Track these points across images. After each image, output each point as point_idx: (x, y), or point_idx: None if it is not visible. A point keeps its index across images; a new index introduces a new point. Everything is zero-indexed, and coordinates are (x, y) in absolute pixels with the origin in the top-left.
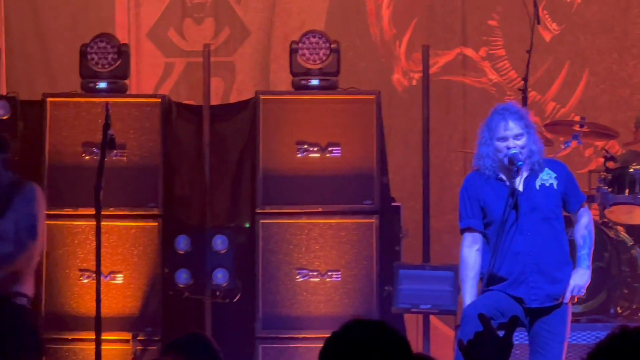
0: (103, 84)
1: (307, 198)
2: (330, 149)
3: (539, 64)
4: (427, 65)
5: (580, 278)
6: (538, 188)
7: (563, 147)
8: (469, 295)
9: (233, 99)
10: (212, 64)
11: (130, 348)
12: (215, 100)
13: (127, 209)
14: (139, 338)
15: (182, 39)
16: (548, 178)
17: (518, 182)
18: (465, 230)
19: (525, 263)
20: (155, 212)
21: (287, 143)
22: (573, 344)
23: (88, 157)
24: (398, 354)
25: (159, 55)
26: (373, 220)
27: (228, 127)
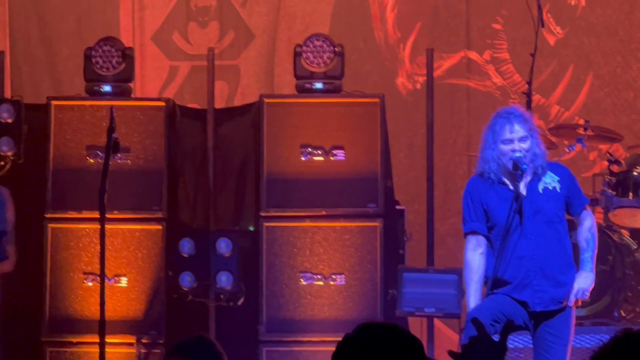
0: (107, 88)
1: (311, 201)
2: (334, 152)
3: (543, 67)
4: (431, 69)
5: (584, 281)
6: (541, 192)
7: (567, 150)
8: (473, 299)
9: (237, 103)
10: (216, 68)
11: (135, 351)
12: (220, 104)
13: (131, 212)
14: (143, 341)
15: (186, 43)
16: (551, 181)
17: (522, 186)
18: (469, 234)
19: (529, 267)
20: (159, 215)
21: (291, 146)
22: (577, 348)
23: (92, 160)
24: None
25: (164, 59)
26: (377, 224)
27: (232, 130)
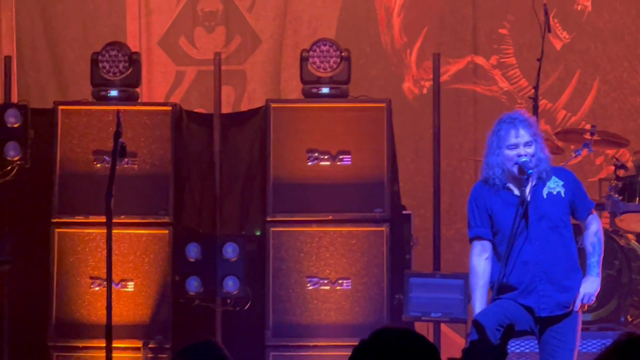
0: (114, 92)
1: (317, 206)
2: (341, 157)
3: (550, 73)
4: (437, 74)
5: (590, 286)
6: (545, 197)
7: (574, 155)
8: (479, 304)
9: (244, 107)
10: (223, 73)
11: (141, 356)
12: (226, 109)
13: (138, 217)
14: (150, 346)
15: (193, 47)
16: (555, 186)
17: (527, 190)
18: (474, 239)
19: (535, 272)
20: (166, 220)
21: (297, 151)
22: (583, 353)
23: (99, 165)
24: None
25: (170, 64)
26: (383, 229)
27: (239, 135)
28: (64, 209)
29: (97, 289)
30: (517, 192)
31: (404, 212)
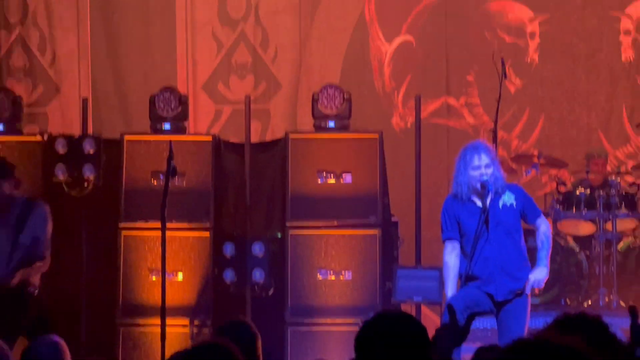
0: (167, 126)
1: (325, 214)
2: (344, 176)
3: (506, 110)
4: (419, 111)
5: (540, 274)
6: (501, 207)
7: (525, 174)
8: (451, 290)
9: (268, 138)
10: (252, 111)
11: (188, 331)
12: (255, 139)
13: (185, 223)
14: (195, 323)
15: (228, 91)
16: (509, 199)
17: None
18: (446, 240)
19: (493, 266)
20: (207, 225)
21: (310, 171)
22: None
23: (156, 182)
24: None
25: (211, 104)
26: (376, 232)
27: (264, 159)
28: (129, 217)
29: (154, 279)
30: (479, 203)
31: (393, 219)
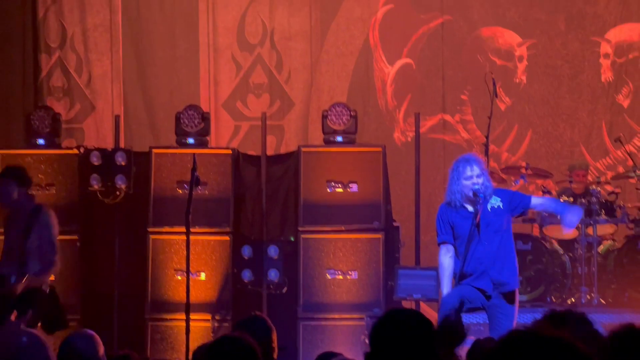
0: (191, 140)
1: (334, 220)
2: (350, 185)
3: (497, 126)
4: (418, 127)
5: (572, 213)
6: (490, 210)
7: (514, 184)
8: (446, 288)
9: (282, 151)
10: (267, 126)
11: (210, 325)
12: (270, 152)
13: (207, 228)
14: (216, 318)
15: (246, 109)
16: (496, 202)
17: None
18: (441, 244)
19: (485, 264)
20: (228, 229)
21: (320, 181)
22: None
23: (181, 191)
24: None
25: (230, 120)
26: (380, 236)
27: (279, 170)
28: (156, 222)
29: (179, 278)
30: (470, 209)
31: (394, 224)
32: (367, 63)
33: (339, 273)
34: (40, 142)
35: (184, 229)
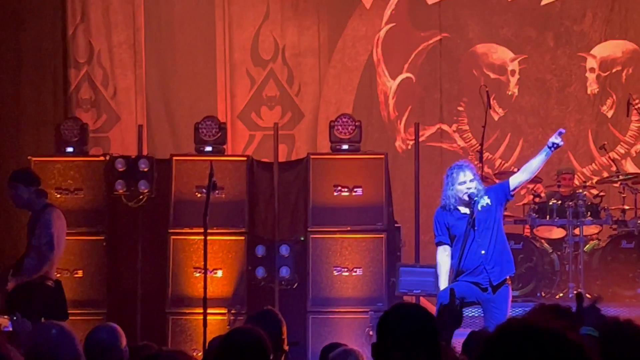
0: (209, 148)
1: (340, 221)
2: (355, 190)
3: (491, 135)
4: (417, 136)
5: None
6: (480, 209)
7: None
8: (443, 284)
9: (293, 158)
10: (279, 136)
11: (226, 319)
12: (282, 159)
13: (224, 228)
14: (232, 312)
15: (260, 119)
16: (484, 201)
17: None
18: (439, 244)
19: (480, 260)
20: (243, 230)
21: (327, 186)
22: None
23: (199, 195)
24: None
25: (245, 130)
26: (383, 236)
27: (290, 176)
28: (177, 223)
29: (197, 275)
30: (464, 211)
31: (396, 225)
32: (371, 77)
33: (345, 270)
34: (69, 150)
35: (202, 230)
